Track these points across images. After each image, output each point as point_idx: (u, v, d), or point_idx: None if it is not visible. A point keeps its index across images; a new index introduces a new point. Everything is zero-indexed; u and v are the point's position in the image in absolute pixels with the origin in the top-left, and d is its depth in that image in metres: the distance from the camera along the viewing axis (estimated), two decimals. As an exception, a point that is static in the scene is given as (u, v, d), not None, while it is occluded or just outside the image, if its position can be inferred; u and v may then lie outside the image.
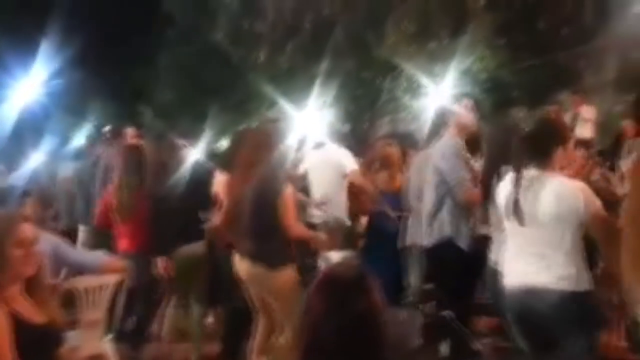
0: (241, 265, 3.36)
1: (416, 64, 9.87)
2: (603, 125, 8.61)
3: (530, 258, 2.52)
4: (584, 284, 2.44)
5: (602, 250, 2.66)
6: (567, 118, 8.51)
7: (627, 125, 7.05)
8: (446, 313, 3.61)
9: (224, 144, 9.34)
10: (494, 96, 9.13)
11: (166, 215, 3.82)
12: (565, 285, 2.42)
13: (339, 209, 5.00)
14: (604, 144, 8.03)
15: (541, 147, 2.51)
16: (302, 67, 10.00)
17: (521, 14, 9.49)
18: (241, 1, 12.18)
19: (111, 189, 4.04)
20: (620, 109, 8.77)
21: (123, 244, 3.96)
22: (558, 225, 2.44)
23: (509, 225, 2.60)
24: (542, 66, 9.21)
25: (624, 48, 9.06)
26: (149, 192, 3.91)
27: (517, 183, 2.51)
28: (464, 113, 3.69)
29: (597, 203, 2.44)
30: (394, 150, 4.99)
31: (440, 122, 3.94)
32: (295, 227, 3.37)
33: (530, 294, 2.48)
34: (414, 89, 9.75)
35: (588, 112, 8.63)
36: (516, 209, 2.49)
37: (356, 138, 5.75)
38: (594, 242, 2.52)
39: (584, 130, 8.38)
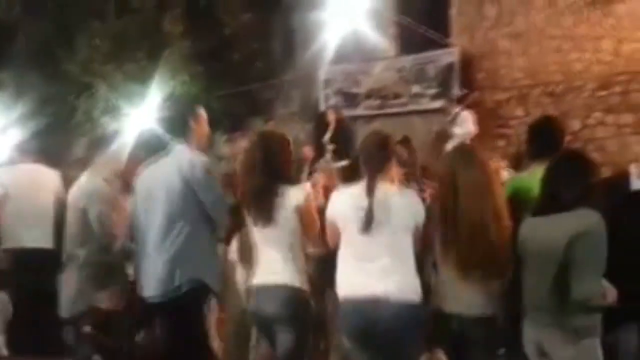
0: None
1: (113, 84, 9.41)
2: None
3: (371, 268, 2.59)
4: (418, 294, 2.60)
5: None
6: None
7: (306, 150, 8.13)
8: None
9: None
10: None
11: None
12: (407, 294, 2.55)
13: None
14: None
15: (381, 161, 2.71)
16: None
17: (217, 44, 9.99)
18: None
19: None
20: (302, 137, 10.03)
21: None
22: (404, 233, 2.61)
23: (348, 237, 2.65)
24: (238, 95, 9.86)
25: (306, 82, 10.42)
26: None
27: (370, 193, 2.60)
28: (202, 124, 3.22)
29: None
30: None
31: (165, 136, 3.22)
32: None
33: (372, 305, 2.53)
34: (112, 110, 9.24)
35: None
36: (369, 218, 2.56)
37: (51, 158, 5.11)
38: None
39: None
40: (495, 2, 9.24)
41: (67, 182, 4.85)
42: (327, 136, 8.82)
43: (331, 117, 9.10)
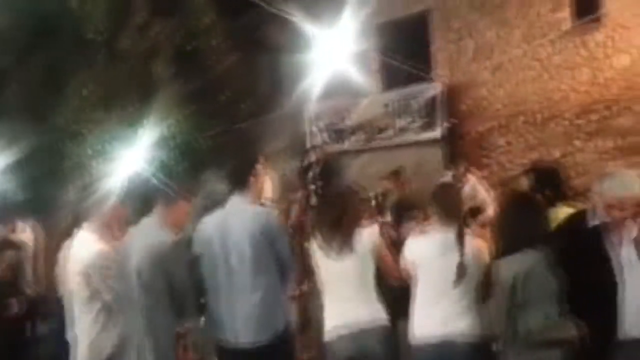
0: None
1: (103, 129, 9.54)
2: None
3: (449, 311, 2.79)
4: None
5: None
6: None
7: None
8: None
9: None
10: (186, 160, 9.50)
11: None
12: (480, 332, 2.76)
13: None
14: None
15: (461, 212, 2.90)
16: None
17: (206, 85, 10.20)
18: None
19: None
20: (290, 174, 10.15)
21: None
22: (478, 276, 2.80)
23: (428, 282, 2.82)
24: (228, 132, 10.03)
25: (293, 119, 10.63)
26: None
27: (461, 242, 2.74)
28: (261, 178, 3.33)
29: None
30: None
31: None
32: None
33: (449, 347, 2.74)
34: (102, 154, 9.36)
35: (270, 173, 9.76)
36: (462, 271, 2.71)
37: (38, 209, 5.13)
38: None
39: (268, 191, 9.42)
40: (474, 37, 9.55)
41: (57, 228, 4.92)
42: (310, 175, 8.90)
43: (315, 156, 9.20)
